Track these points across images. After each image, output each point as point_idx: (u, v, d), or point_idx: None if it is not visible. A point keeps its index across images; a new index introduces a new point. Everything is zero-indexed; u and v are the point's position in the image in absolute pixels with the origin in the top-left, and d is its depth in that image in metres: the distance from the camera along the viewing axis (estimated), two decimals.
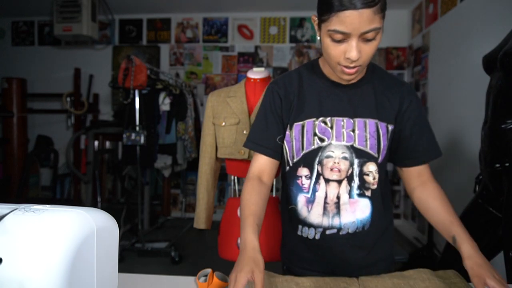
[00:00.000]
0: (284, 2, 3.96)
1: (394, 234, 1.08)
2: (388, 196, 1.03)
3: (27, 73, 4.23)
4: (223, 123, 1.47)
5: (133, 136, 2.92)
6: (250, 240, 0.83)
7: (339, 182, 0.93)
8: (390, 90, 0.96)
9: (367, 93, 0.94)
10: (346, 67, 0.84)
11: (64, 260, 0.46)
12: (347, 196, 0.93)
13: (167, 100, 3.27)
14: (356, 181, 0.93)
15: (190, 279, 0.92)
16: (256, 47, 4.30)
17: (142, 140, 2.94)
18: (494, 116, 1.29)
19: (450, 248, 1.55)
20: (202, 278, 0.90)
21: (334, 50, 0.83)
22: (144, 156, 3.04)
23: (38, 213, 0.49)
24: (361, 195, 0.94)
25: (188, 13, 4.34)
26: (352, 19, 0.76)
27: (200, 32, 4.37)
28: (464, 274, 0.85)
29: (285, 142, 0.99)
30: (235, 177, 1.60)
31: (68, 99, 4.10)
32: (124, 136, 2.94)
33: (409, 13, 4.03)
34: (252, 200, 0.92)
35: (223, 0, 3.94)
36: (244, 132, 1.44)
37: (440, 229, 0.93)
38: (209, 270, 0.91)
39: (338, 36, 0.80)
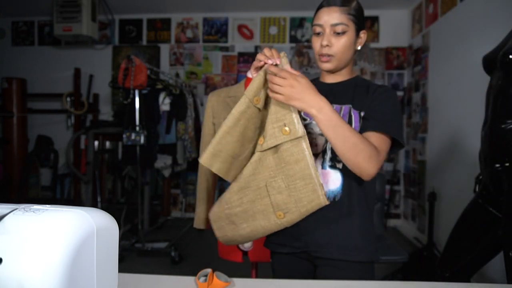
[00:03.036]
0: (284, 2, 3.96)
1: (384, 224, 1.11)
2: (369, 185, 1.04)
3: (27, 73, 4.23)
4: None
5: (133, 136, 2.92)
6: None
7: (316, 156, 1.03)
8: (368, 89, 1.07)
9: (347, 89, 1.08)
10: (322, 55, 1.03)
11: (64, 260, 0.46)
12: (320, 167, 1.03)
13: (167, 100, 3.27)
14: (328, 154, 1.03)
15: (190, 279, 0.92)
16: (256, 47, 4.30)
17: (142, 140, 2.94)
18: (494, 116, 1.29)
19: (450, 247, 1.56)
20: (202, 278, 0.90)
21: (315, 43, 1.04)
22: (144, 156, 3.04)
23: (38, 213, 0.49)
24: (332, 167, 1.03)
25: (188, 13, 4.34)
26: (324, 14, 1.01)
27: (200, 32, 4.38)
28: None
29: None
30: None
31: (68, 99, 4.10)
32: (124, 136, 2.94)
33: (409, 13, 4.03)
34: None
35: (223, 0, 3.95)
36: None
37: None
38: (209, 270, 0.91)
39: (317, 29, 1.02)
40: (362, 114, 1.03)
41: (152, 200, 3.89)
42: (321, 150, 1.03)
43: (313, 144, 1.03)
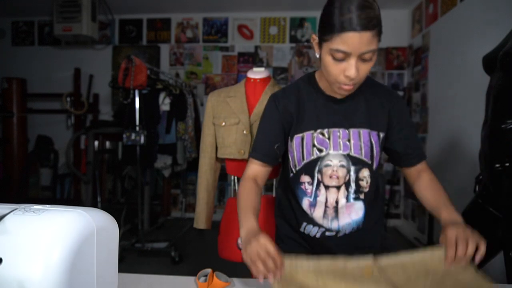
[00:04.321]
0: (284, 2, 3.96)
1: (384, 224, 1.17)
2: (378, 193, 1.11)
3: (27, 73, 4.23)
4: (223, 123, 1.47)
5: (133, 136, 2.92)
6: (254, 226, 0.90)
7: (338, 187, 1.02)
8: (380, 99, 1.05)
9: (359, 105, 1.03)
10: (344, 84, 0.91)
11: (64, 260, 0.46)
12: (345, 200, 1.02)
13: (167, 100, 3.27)
14: (352, 186, 1.02)
15: (190, 279, 0.92)
16: (256, 47, 4.30)
17: (142, 140, 2.94)
18: (494, 116, 1.29)
19: None
20: (202, 278, 0.90)
21: (335, 69, 0.89)
22: (144, 156, 3.04)
23: (38, 213, 0.49)
24: (356, 198, 1.03)
25: (188, 13, 4.34)
26: (354, 40, 0.83)
27: (200, 32, 4.37)
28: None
29: (288, 152, 1.08)
30: (235, 177, 1.60)
31: (68, 99, 4.10)
32: (124, 136, 2.94)
33: (409, 13, 4.03)
34: (250, 196, 1.00)
35: (223, 0, 3.94)
36: (244, 132, 1.44)
37: (434, 215, 0.99)
38: (209, 270, 0.91)
39: (340, 55, 0.86)
40: (381, 135, 1.03)
41: (152, 200, 3.89)
42: (343, 182, 1.01)
43: (334, 176, 1.00)
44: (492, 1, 2.41)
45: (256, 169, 1.08)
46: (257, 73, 1.51)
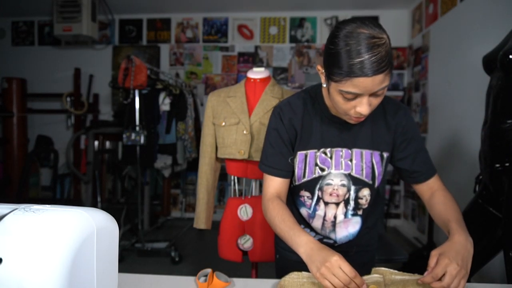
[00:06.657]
0: (284, 2, 3.96)
1: (384, 224, 1.18)
2: (378, 200, 1.12)
3: (27, 73, 4.23)
4: (223, 123, 1.47)
5: (133, 136, 2.92)
6: (311, 240, 0.87)
7: (337, 204, 1.04)
8: (386, 119, 1.01)
9: (365, 126, 1.00)
10: (355, 116, 0.88)
11: (64, 260, 0.46)
12: (343, 216, 1.05)
13: (167, 100, 3.27)
14: (351, 204, 1.04)
15: (190, 279, 0.93)
16: (256, 47, 4.30)
17: (142, 140, 2.94)
18: (494, 116, 1.29)
19: None
20: (202, 278, 0.90)
21: (345, 105, 0.86)
22: (144, 156, 3.04)
23: (38, 213, 0.49)
24: (354, 214, 1.06)
25: (188, 13, 4.34)
26: (365, 84, 0.79)
27: (200, 32, 4.37)
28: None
29: None
30: (235, 177, 1.60)
31: (68, 99, 4.10)
32: (124, 136, 2.94)
33: (409, 13, 4.03)
34: (285, 212, 0.96)
35: (223, 0, 3.95)
36: (244, 132, 1.44)
37: (444, 230, 0.95)
38: (209, 270, 0.91)
39: (350, 96, 0.82)
40: (385, 155, 1.01)
41: (152, 200, 3.89)
42: (342, 200, 1.03)
43: (334, 194, 1.02)
44: (492, 1, 2.41)
45: (276, 186, 1.03)
46: (257, 73, 1.51)
